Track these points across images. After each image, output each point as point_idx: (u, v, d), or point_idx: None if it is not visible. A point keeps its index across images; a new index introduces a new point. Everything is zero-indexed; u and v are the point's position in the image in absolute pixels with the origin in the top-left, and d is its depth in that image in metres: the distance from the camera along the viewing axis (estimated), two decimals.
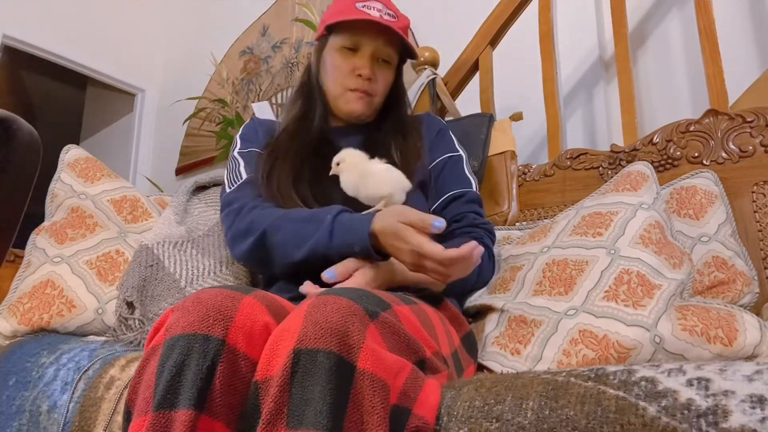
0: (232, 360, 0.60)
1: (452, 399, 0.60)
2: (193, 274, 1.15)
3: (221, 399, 0.58)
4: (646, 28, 2.02)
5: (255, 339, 0.62)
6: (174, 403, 0.56)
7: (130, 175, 3.66)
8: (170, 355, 0.59)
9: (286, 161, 1.10)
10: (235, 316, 0.62)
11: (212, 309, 0.61)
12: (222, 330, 0.60)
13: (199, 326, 0.60)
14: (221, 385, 0.58)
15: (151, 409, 0.57)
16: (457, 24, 1.85)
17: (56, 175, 1.37)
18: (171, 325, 0.61)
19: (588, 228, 1.06)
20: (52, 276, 1.19)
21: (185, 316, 0.61)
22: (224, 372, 0.59)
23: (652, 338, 0.86)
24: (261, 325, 0.63)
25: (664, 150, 1.35)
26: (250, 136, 1.21)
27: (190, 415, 0.56)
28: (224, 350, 0.59)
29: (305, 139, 1.14)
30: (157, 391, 0.57)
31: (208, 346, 0.59)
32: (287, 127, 1.18)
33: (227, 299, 0.63)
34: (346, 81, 1.14)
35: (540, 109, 1.72)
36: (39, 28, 3.31)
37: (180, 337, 0.59)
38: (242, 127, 1.25)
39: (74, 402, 0.90)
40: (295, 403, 0.53)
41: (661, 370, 0.54)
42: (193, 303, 0.63)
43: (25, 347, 1.06)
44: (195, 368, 0.58)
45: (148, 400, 0.58)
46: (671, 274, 0.95)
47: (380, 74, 1.16)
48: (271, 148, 1.15)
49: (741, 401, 0.47)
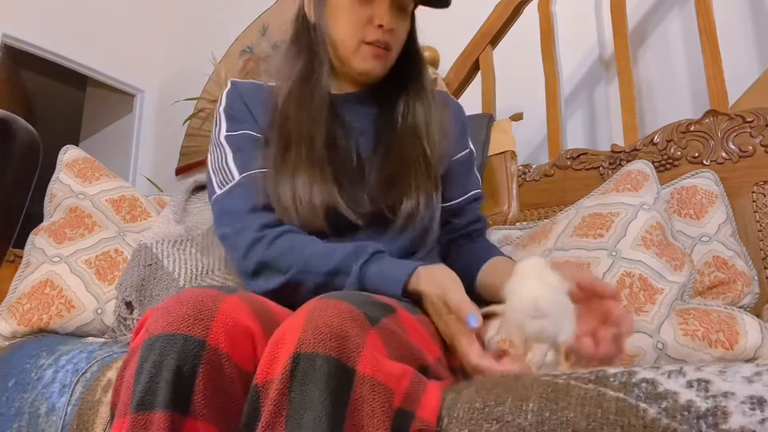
0: (214, 360, 0.58)
1: (452, 401, 0.60)
2: (192, 273, 1.15)
3: (205, 400, 0.57)
4: (647, 27, 2.02)
5: (237, 339, 0.61)
6: (152, 405, 0.55)
7: (130, 175, 3.66)
8: (149, 356, 0.57)
9: (300, 157, 0.90)
10: (216, 315, 0.60)
11: (192, 309, 0.60)
12: (202, 330, 0.59)
13: (178, 326, 0.59)
14: (204, 386, 0.57)
15: (129, 411, 0.56)
16: (457, 23, 1.85)
17: (54, 176, 1.37)
18: (150, 326, 0.60)
19: (589, 229, 1.06)
20: (51, 276, 1.19)
21: (165, 317, 0.60)
22: (206, 373, 0.58)
23: (655, 344, 0.86)
24: (243, 326, 0.62)
25: (664, 150, 1.34)
26: (237, 110, 0.98)
27: (167, 417, 0.55)
28: (205, 350, 0.58)
29: (315, 112, 0.93)
30: (135, 392, 0.56)
31: (187, 347, 0.57)
32: (291, 94, 0.95)
33: (208, 299, 0.61)
34: (364, 32, 0.94)
35: (540, 109, 1.72)
36: (39, 28, 3.31)
37: (158, 338, 0.58)
38: (224, 97, 1.00)
39: (72, 405, 0.90)
40: (294, 408, 0.53)
41: (661, 371, 0.53)
42: (173, 303, 0.61)
43: (24, 348, 1.06)
44: (173, 369, 0.56)
45: (126, 402, 0.57)
46: (673, 277, 0.95)
47: (399, 24, 0.97)
48: (280, 134, 0.93)
49: (741, 403, 0.47)
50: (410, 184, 0.92)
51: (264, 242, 0.85)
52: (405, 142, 0.96)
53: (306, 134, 0.91)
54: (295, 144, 0.91)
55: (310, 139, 0.91)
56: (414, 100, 1.00)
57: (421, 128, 0.97)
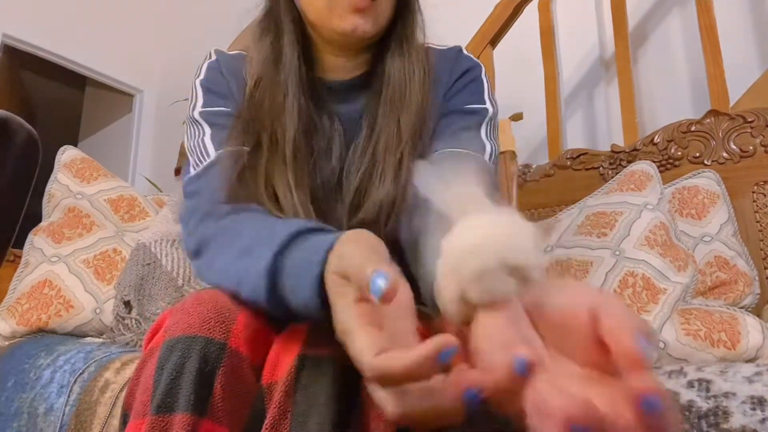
0: (234, 364, 0.58)
1: None
2: (190, 272, 1.15)
3: (223, 403, 0.57)
4: (647, 27, 2.02)
5: (257, 342, 0.60)
6: (173, 407, 0.55)
7: (129, 175, 3.66)
8: (169, 357, 0.57)
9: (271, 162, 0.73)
10: (237, 318, 0.60)
11: (213, 311, 0.59)
12: (223, 333, 0.58)
13: (199, 328, 0.58)
14: (223, 389, 0.57)
15: (149, 412, 0.55)
16: (457, 23, 1.85)
17: (53, 176, 1.37)
18: (170, 327, 0.60)
19: (593, 228, 1.06)
20: (49, 276, 1.18)
21: (186, 318, 0.59)
22: (226, 375, 0.57)
23: (656, 344, 0.86)
24: (263, 329, 0.61)
25: (665, 150, 1.34)
26: (216, 84, 0.82)
27: (189, 420, 0.54)
28: (225, 353, 0.58)
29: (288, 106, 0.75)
30: (155, 393, 0.56)
31: (209, 349, 0.57)
32: (260, 79, 0.77)
33: (229, 301, 0.61)
34: None
35: (540, 109, 1.72)
36: (39, 28, 3.31)
37: (180, 339, 0.58)
38: (203, 68, 0.85)
39: (70, 405, 0.89)
40: (299, 409, 0.52)
41: (662, 372, 0.53)
42: (193, 304, 0.61)
43: (23, 348, 1.06)
44: (195, 371, 0.56)
45: (145, 402, 0.56)
46: (676, 278, 0.95)
47: None
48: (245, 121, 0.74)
49: (741, 402, 0.47)
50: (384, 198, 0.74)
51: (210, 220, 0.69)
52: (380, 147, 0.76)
53: (276, 135, 0.74)
54: (266, 146, 0.74)
55: (282, 140, 0.74)
56: (394, 60, 0.79)
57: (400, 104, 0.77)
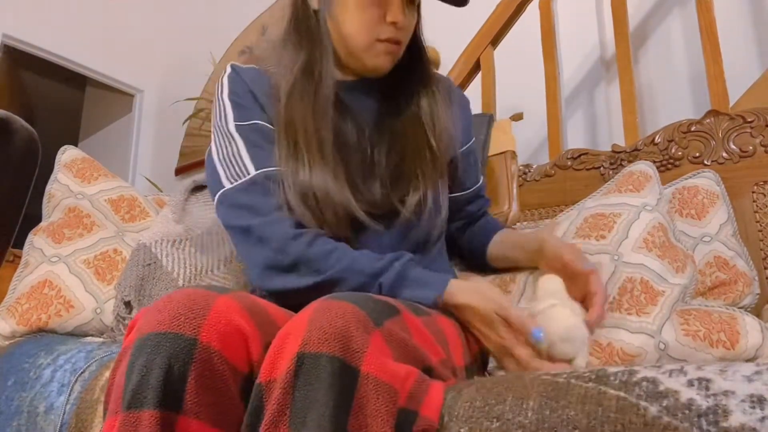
0: (206, 359, 0.58)
1: (453, 399, 0.60)
2: (191, 272, 1.15)
3: (198, 398, 0.57)
4: (648, 27, 2.02)
5: (230, 338, 0.60)
6: (142, 403, 0.56)
7: (130, 175, 3.66)
8: (139, 355, 0.58)
9: (312, 161, 0.86)
10: (207, 314, 0.60)
11: (183, 307, 0.60)
12: (193, 328, 0.59)
13: (169, 325, 0.59)
14: (197, 383, 0.57)
15: (121, 410, 0.56)
16: (458, 23, 1.85)
17: (53, 176, 1.37)
18: (141, 325, 0.60)
19: (591, 230, 1.06)
20: (49, 276, 1.18)
21: (155, 315, 0.60)
22: (198, 371, 0.58)
23: (657, 344, 0.86)
24: (235, 325, 0.61)
25: (665, 150, 1.34)
26: (243, 97, 0.93)
27: (158, 416, 0.55)
28: (196, 349, 0.58)
29: (322, 108, 0.89)
30: (126, 391, 0.57)
31: (178, 345, 0.57)
32: (294, 88, 0.90)
33: (200, 298, 0.61)
34: (378, 30, 0.90)
35: (540, 109, 1.72)
36: (39, 28, 3.31)
37: (149, 336, 0.58)
38: (225, 82, 0.95)
39: (71, 404, 0.90)
40: (297, 406, 0.53)
41: (662, 371, 0.53)
42: (164, 302, 0.61)
43: (23, 348, 1.06)
44: (164, 367, 0.56)
45: (117, 400, 0.57)
46: (675, 279, 0.95)
47: (410, 19, 0.93)
48: (287, 134, 0.88)
49: (741, 401, 0.47)
50: (416, 175, 0.92)
51: (304, 239, 0.81)
52: (409, 132, 0.95)
53: (314, 134, 0.87)
54: (304, 145, 0.87)
55: (319, 140, 0.87)
56: (418, 91, 0.98)
57: (425, 120, 0.96)
